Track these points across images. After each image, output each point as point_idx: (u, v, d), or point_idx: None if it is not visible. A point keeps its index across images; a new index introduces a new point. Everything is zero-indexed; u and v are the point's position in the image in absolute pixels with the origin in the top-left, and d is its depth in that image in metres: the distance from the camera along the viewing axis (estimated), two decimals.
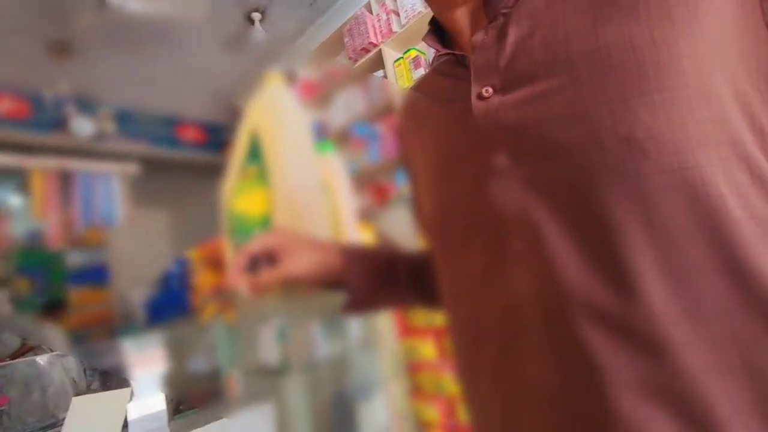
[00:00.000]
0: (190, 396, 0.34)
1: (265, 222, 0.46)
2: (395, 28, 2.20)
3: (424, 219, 0.43)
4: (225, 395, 0.31)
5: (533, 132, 0.33)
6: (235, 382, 0.32)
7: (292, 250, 0.42)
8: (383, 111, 2.29)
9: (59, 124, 1.92)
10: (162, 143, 2.30)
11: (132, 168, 2.13)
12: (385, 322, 0.37)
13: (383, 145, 2.32)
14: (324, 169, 0.57)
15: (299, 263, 0.41)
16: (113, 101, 1.93)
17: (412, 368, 0.82)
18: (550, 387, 0.31)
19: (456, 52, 0.38)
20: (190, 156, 2.40)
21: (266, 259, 0.40)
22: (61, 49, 1.73)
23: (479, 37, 0.36)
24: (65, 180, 1.90)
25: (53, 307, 2.01)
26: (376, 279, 0.46)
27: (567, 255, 0.31)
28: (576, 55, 0.33)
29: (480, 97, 0.35)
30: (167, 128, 2.38)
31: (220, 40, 2.20)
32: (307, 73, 2.31)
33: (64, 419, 0.76)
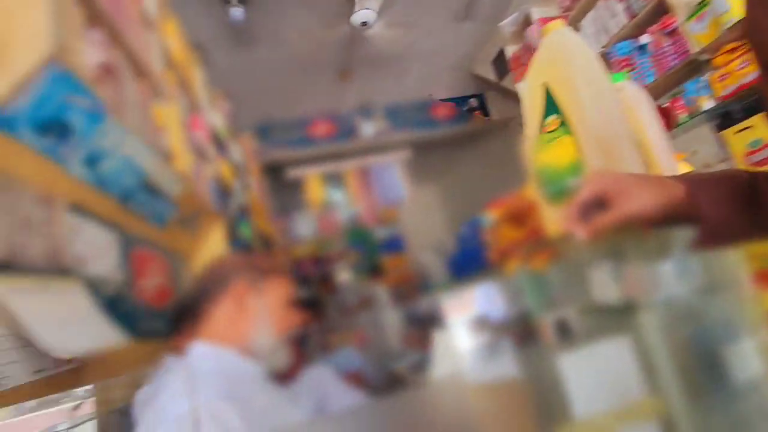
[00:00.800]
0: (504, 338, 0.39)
1: (576, 168, 0.45)
2: None
3: None
4: (538, 336, 0.34)
5: None
6: (547, 324, 0.35)
7: (624, 191, 0.39)
8: (651, 16, 1.78)
9: (352, 131, 2.51)
10: (423, 126, 2.65)
11: (405, 153, 2.55)
12: (737, 260, 0.31)
13: (657, 59, 1.85)
14: (623, 99, 0.52)
15: (637, 202, 0.38)
16: (383, 102, 2.37)
17: None
18: None
19: None
20: (446, 131, 2.66)
21: (596, 204, 0.39)
22: (345, 73, 2.24)
23: None
24: (364, 174, 2.48)
25: (374, 272, 2.65)
26: (734, 204, 0.38)
27: None
28: None
29: None
30: (424, 112, 2.71)
31: (452, 17, 2.31)
32: (543, 11, 2.10)
33: (395, 355, 1.00)
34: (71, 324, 0.37)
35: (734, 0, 1.48)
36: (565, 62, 0.47)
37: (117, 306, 0.47)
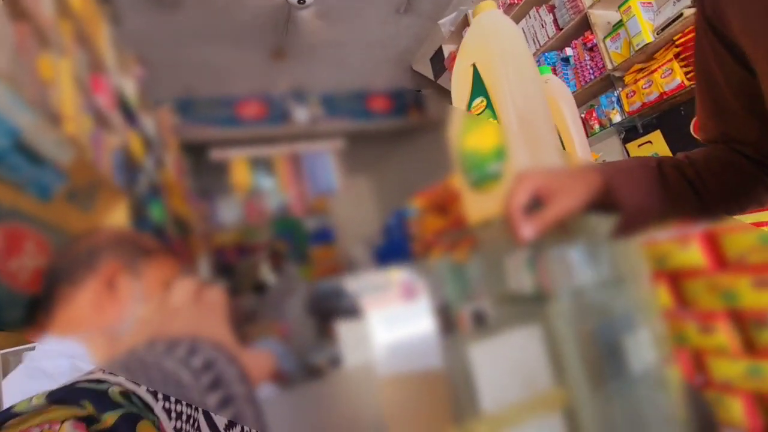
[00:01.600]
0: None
1: (500, 154, 0.45)
2: None
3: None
4: (456, 328, 0.34)
5: None
6: (465, 315, 0.34)
7: (557, 188, 0.39)
8: (575, 30, 1.94)
9: (285, 116, 2.42)
10: (358, 117, 2.63)
11: (338, 143, 2.52)
12: (639, 255, 0.32)
13: (578, 72, 2.01)
14: (547, 89, 0.54)
15: (571, 197, 0.39)
16: (318, 89, 2.30)
17: None
18: None
19: None
20: (381, 124, 2.66)
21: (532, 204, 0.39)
22: (278, 53, 2.13)
23: None
24: (296, 161, 2.41)
25: (302, 263, 2.59)
26: (648, 191, 0.41)
27: None
28: None
29: None
30: (360, 102, 2.69)
31: (394, 9, 2.31)
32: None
33: (314, 347, 0.98)
34: None
35: (645, 24, 1.65)
36: (493, 43, 0.48)
37: None
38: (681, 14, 1.85)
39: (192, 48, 2.01)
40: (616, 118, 1.75)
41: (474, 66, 0.47)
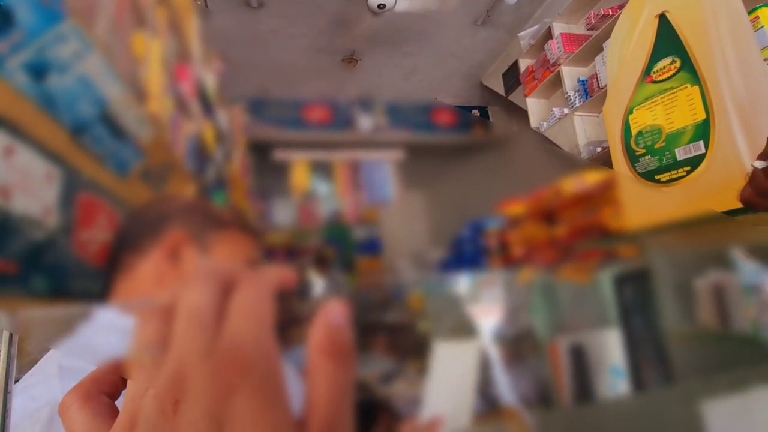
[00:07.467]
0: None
1: (701, 132, 0.39)
2: None
3: None
4: (545, 358, 0.28)
5: None
6: (559, 349, 0.29)
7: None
8: None
9: (349, 122, 2.45)
10: (421, 129, 2.60)
11: (399, 154, 2.50)
12: None
13: None
14: None
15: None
16: (385, 97, 2.30)
17: None
18: None
19: None
20: (443, 138, 2.61)
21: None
22: (349, 60, 2.17)
23: None
24: (355, 168, 2.42)
25: (348, 271, 2.59)
26: None
27: None
28: None
29: None
30: (425, 115, 2.67)
31: (471, 20, 2.28)
32: (566, 26, 2.08)
33: (360, 359, 0.94)
34: None
35: None
36: None
37: (43, 255, 0.38)
38: None
39: (270, 50, 2.09)
40: None
41: (663, 16, 0.40)
